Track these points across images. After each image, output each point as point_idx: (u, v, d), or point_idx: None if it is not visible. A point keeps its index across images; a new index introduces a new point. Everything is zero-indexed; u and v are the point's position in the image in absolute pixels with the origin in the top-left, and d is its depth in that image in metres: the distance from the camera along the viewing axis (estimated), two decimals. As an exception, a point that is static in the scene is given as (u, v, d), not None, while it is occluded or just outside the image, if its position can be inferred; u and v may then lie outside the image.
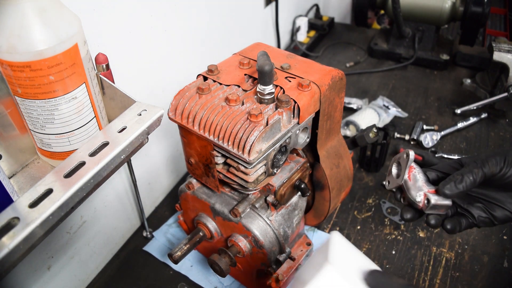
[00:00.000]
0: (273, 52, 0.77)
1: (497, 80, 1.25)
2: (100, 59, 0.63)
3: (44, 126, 0.56)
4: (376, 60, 1.60)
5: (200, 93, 0.68)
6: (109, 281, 0.92)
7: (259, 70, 0.62)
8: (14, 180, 0.62)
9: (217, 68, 0.73)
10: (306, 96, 0.67)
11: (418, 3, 1.44)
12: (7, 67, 0.50)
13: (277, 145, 0.66)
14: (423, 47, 1.51)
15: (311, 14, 1.80)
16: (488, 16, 1.39)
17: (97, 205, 0.89)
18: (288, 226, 0.79)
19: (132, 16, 0.83)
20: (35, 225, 0.43)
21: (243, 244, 0.76)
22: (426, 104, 1.37)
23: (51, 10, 0.50)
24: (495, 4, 2.72)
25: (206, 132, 0.66)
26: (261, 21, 1.42)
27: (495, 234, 0.96)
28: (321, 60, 1.60)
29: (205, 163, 0.71)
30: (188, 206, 0.83)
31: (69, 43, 0.52)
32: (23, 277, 0.76)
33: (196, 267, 0.93)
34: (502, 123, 1.28)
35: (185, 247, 0.77)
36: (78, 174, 0.48)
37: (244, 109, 0.66)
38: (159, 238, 0.99)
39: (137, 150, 0.57)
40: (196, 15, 1.04)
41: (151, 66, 0.93)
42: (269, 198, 0.74)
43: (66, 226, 0.82)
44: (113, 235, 0.97)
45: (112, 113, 0.65)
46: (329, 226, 1.00)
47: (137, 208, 1.02)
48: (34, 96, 0.53)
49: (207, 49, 1.13)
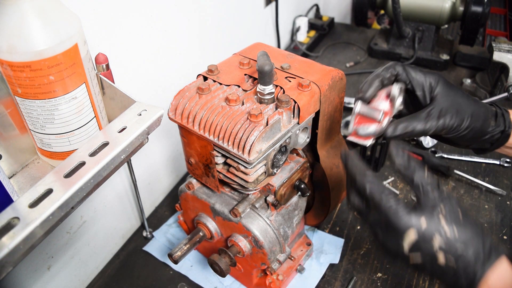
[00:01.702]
0: (273, 52, 0.77)
1: (497, 80, 1.25)
2: (100, 59, 0.63)
3: (44, 126, 0.56)
4: (376, 60, 1.60)
5: (200, 93, 0.68)
6: (109, 281, 0.92)
7: (259, 70, 0.62)
8: (14, 180, 0.62)
9: (217, 68, 0.73)
10: (306, 96, 0.67)
11: (418, 3, 1.44)
12: (7, 67, 0.50)
13: (277, 145, 0.66)
14: (423, 47, 1.51)
15: (311, 14, 1.80)
16: (488, 16, 1.39)
17: (97, 205, 0.89)
18: (288, 226, 0.79)
19: (132, 16, 0.83)
20: (35, 225, 0.43)
21: (243, 244, 0.76)
22: (426, 104, 1.37)
23: (51, 10, 0.50)
24: (495, 4, 2.72)
25: (206, 132, 0.66)
26: (261, 21, 1.42)
27: (495, 234, 0.96)
28: (321, 60, 1.60)
29: (205, 163, 0.71)
30: (188, 206, 0.83)
31: (69, 43, 0.52)
32: (23, 277, 0.76)
33: (196, 267, 0.93)
34: (502, 123, 1.27)
35: (185, 247, 0.77)
36: (78, 174, 0.48)
37: (244, 109, 0.66)
38: (159, 238, 0.99)
39: (137, 150, 0.57)
40: (196, 15, 1.04)
41: (151, 66, 0.93)
42: (269, 198, 0.74)
43: (66, 226, 0.82)
44: (113, 235, 0.97)
45: (112, 113, 0.65)
46: (329, 226, 1.00)
47: (137, 208, 1.02)
48: (34, 96, 0.53)
49: (207, 49, 1.13)
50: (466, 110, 0.62)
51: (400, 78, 0.64)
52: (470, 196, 1.05)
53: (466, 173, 1.09)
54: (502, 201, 1.04)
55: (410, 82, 0.64)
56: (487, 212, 1.01)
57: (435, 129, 0.61)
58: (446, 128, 0.62)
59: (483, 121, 0.64)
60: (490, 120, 0.65)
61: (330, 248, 0.94)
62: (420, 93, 0.64)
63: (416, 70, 0.64)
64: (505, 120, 0.66)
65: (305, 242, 0.90)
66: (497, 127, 0.66)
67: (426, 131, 0.61)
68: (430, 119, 0.61)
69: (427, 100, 0.64)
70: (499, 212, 1.01)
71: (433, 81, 0.63)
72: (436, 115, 0.61)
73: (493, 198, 1.04)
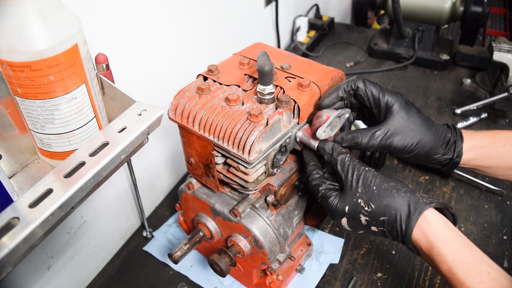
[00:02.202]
0: (273, 52, 0.77)
1: (497, 80, 1.25)
2: (100, 59, 0.63)
3: (44, 126, 0.56)
4: (376, 60, 1.60)
5: (200, 93, 0.68)
6: (109, 281, 0.92)
7: (259, 70, 0.62)
8: (14, 180, 0.62)
9: (217, 68, 0.73)
10: (306, 96, 0.67)
11: (418, 3, 1.44)
12: (7, 67, 0.50)
13: (277, 145, 0.66)
14: (423, 47, 1.51)
15: (311, 14, 1.80)
16: (488, 16, 1.39)
17: (97, 205, 0.89)
18: (288, 226, 0.79)
19: (132, 16, 0.83)
20: (35, 225, 0.43)
21: (243, 244, 0.76)
22: (426, 104, 1.37)
23: (51, 10, 0.50)
24: (495, 4, 2.72)
25: (206, 132, 0.66)
26: (261, 21, 1.42)
27: (495, 234, 0.96)
28: (321, 60, 1.60)
29: (205, 163, 0.71)
30: (188, 206, 0.83)
31: (69, 43, 0.52)
32: (23, 277, 0.76)
33: (196, 267, 0.93)
34: (502, 123, 1.27)
35: (185, 247, 0.77)
36: (78, 174, 0.48)
37: (244, 109, 0.66)
38: (159, 238, 0.99)
39: (137, 150, 0.57)
40: (196, 15, 1.04)
41: (151, 66, 0.93)
42: (269, 198, 0.74)
43: (66, 226, 0.82)
44: (113, 235, 0.97)
45: (112, 113, 0.65)
46: (329, 226, 1.00)
47: (137, 208, 1.02)
48: (34, 96, 0.53)
49: (207, 49, 1.13)
50: (413, 136, 0.67)
51: (360, 93, 0.68)
52: (470, 196, 1.05)
53: (466, 173, 1.09)
54: (502, 201, 1.04)
55: (368, 98, 0.68)
56: (487, 212, 1.01)
57: (378, 148, 0.67)
58: (388, 149, 0.67)
59: (430, 149, 0.68)
60: (439, 148, 0.69)
61: (330, 248, 0.94)
62: (376, 110, 0.69)
63: (377, 88, 0.68)
64: (455, 149, 0.69)
65: (305, 242, 0.90)
66: (444, 155, 0.69)
67: (368, 147, 0.67)
68: (375, 138, 0.66)
69: (381, 118, 0.69)
70: (499, 212, 1.01)
71: (391, 101, 0.67)
72: (381, 135, 0.66)
73: (493, 198, 1.04)
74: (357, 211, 0.62)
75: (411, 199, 0.60)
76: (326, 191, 0.66)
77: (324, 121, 0.64)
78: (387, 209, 0.60)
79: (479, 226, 0.98)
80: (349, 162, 0.64)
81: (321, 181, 0.67)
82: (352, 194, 0.62)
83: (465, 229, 0.98)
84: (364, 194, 0.62)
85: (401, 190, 0.61)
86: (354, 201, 0.62)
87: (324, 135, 0.66)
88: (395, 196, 0.60)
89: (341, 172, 0.64)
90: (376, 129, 0.67)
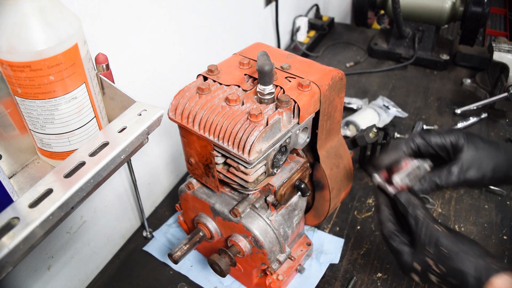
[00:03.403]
0: (273, 52, 0.77)
1: (497, 80, 1.25)
2: (100, 59, 0.63)
3: (44, 126, 0.56)
4: (376, 60, 1.60)
5: (200, 93, 0.68)
6: (109, 281, 0.92)
7: (259, 70, 0.62)
8: (14, 180, 0.62)
9: (217, 68, 0.73)
10: (306, 96, 0.67)
11: (418, 3, 1.44)
12: (7, 67, 0.50)
13: (277, 145, 0.66)
14: (423, 47, 1.51)
15: (311, 14, 1.80)
16: (488, 16, 1.39)
17: (97, 205, 0.89)
18: (288, 226, 0.79)
19: (132, 16, 0.83)
20: (35, 225, 0.43)
21: (243, 244, 0.76)
22: (426, 104, 1.37)
23: (51, 10, 0.50)
24: (495, 4, 2.72)
25: (206, 132, 0.66)
26: (261, 21, 1.42)
27: (495, 234, 0.96)
28: (321, 60, 1.60)
29: (205, 163, 0.71)
30: (188, 206, 0.83)
31: (69, 43, 0.52)
32: (23, 277, 0.76)
33: (196, 267, 0.93)
34: (502, 123, 1.27)
35: (185, 247, 0.77)
36: (78, 174, 0.48)
37: (244, 109, 0.66)
38: (159, 238, 0.99)
39: (137, 150, 0.57)
40: (196, 15, 1.04)
41: (151, 66, 0.93)
42: (269, 198, 0.74)
43: (66, 226, 0.82)
44: (113, 235, 0.97)
45: (112, 113, 0.65)
46: (329, 226, 1.00)
47: (137, 208, 1.02)
48: (34, 96, 0.53)
49: (207, 49, 1.13)
50: (488, 163, 0.66)
51: (424, 149, 0.68)
52: (470, 196, 1.05)
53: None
54: (502, 201, 1.04)
55: (432, 148, 0.68)
56: (487, 212, 1.01)
57: (457, 184, 0.66)
58: (468, 183, 0.66)
59: (507, 169, 0.67)
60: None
61: (330, 248, 0.94)
62: (444, 153, 0.68)
63: (436, 135, 0.68)
64: None
65: (305, 242, 0.90)
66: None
67: (447, 186, 0.66)
68: (451, 176, 0.65)
69: (451, 157, 0.68)
70: (499, 212, 1.01)
71: (454, 140, 0.67)
72: (457, 171, 0.65)
73: (493, 198, 1.04)
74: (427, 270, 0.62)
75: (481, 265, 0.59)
76: (399, 246, 0.65)
77: (401, 168, 0.65)
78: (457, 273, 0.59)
79: (479, 226, 0.98)
80: (423, 220, 0.63)
81: (395, 234, 0.66)
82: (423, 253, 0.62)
83: (465, 229, 0.98)
84: (434, 255, 0.61)
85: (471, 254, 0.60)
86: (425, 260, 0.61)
87: (401, 183, 0.65)
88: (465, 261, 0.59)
89: (414, 229, 0.63)
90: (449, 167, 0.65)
